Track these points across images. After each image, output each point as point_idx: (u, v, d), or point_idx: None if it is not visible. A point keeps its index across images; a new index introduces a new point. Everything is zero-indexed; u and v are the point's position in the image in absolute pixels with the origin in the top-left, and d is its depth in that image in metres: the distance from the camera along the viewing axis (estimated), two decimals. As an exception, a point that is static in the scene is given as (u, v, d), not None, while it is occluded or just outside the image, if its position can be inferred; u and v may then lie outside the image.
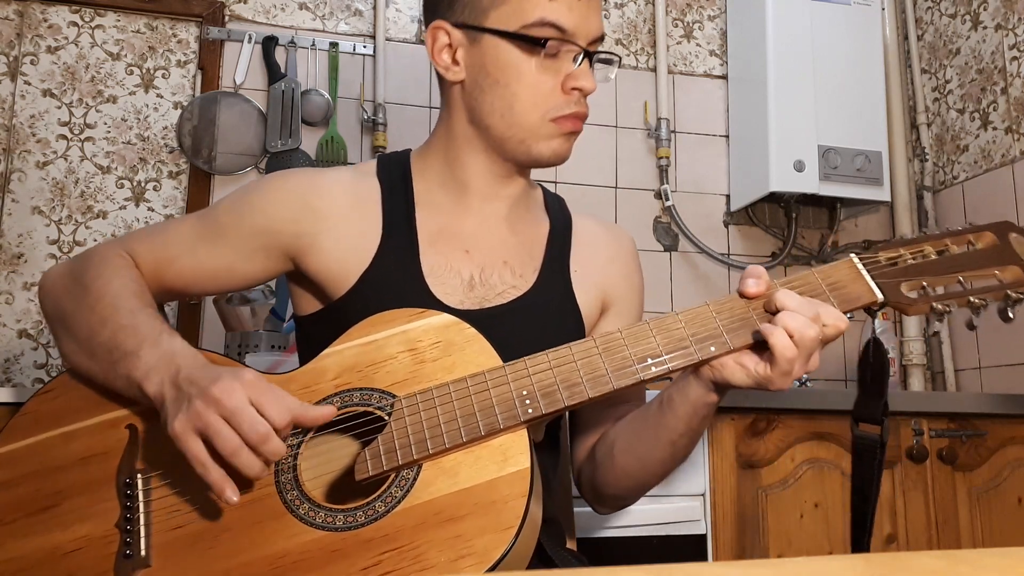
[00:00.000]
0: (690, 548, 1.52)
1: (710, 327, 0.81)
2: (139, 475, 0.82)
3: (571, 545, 1.11)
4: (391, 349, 0.83)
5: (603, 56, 0.97)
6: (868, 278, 0.82)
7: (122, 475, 0.82)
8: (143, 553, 0.78)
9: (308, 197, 0.96)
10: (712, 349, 0.80)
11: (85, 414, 0.85)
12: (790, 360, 0.77)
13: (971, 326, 0.82)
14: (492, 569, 0.71)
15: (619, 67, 1.00)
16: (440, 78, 1.00)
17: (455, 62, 0.96)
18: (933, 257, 0.83)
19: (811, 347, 0.77)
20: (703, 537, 1.53)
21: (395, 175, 1.01)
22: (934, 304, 0.81)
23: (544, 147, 0.95)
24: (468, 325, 0.83)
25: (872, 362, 0.84)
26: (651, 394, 1.06)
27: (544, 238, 1.03)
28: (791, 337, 0.77)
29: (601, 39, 0.96)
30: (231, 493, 0.74)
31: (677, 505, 1.51)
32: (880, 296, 0.81)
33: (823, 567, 0.41)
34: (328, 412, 0.79)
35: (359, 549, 0.74)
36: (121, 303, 0.86)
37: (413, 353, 0.83)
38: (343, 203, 0.97)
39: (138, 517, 0.79)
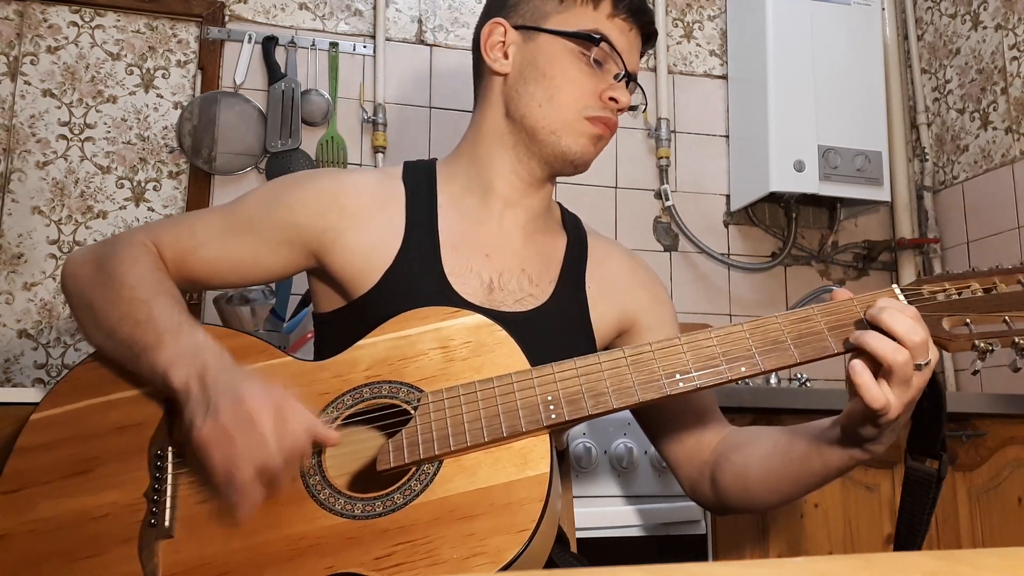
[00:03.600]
0: (690, 548, 1.52)
1: (742, 347, 0.81)
2: (170, 448, 0.84)
3: (571, 546, 1.11)
4: (423, 345, 0.85)
5: (635, 101, 1.04)
6: None
7: (154, 447, 0.84)
8: (167, 524, 0.80)
9: (336, 195, 0.98)
10: (743, 369, 0.80)
11: (125, 385, 0.88)
12: (870, 388, 0.76)
13: (1015, 368, 0.80)
14: (503, 570, 0.72)
15: (644, 110, 1.06)
16: (480, 76, 1.05)
17: (505, 56, 1.01)
18: (980, 294, 0.81)
19: (902, 374, 0.75)
20: (703, 537, 1.53)
21: (420, 179, 1.03)
22: (976, 342, 0.79)
23: (573, 142, 0.98)
24: (499, 327, 0.84)
25: (928, 392, 0.82)
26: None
27: (561, 252, 1.05)
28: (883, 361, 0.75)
29: (635, 78, 1.03)
30: (248, 509, 0.76)
31: (677, 505, 1.51)
32: None
33: (823, 567, 0.41)
34: (335, 438, 0.80)
35: (374, 538, 0.75)
36: (138, 294, 0.87)
37: (444, 351, 0.84)
38: (369, 203, 0.98)
39: (165, 489, 0.81)
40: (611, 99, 0.98)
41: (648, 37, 1.04)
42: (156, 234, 0.97)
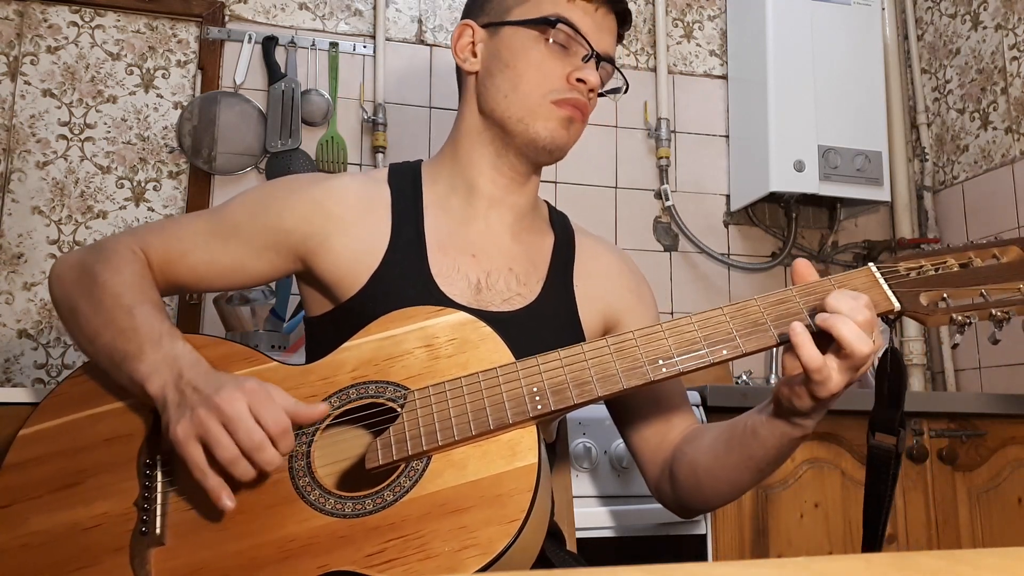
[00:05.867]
0: (690, 548, 1.52)
1: (722, 331, 0.81)
2: (159, 457, 0.84)
3: (571, 546, 1.11)
4: (408, 344, 0.85)
5: (611, 87, 1.03)
6: (885, 287, 0.81)
7: (143, 457, 0.84)
8: (158, 531, 0.80)
9: (320, 199, 0.98)
10: (724, 352, 0.81)
11: (112, 398, 0.88)
12: (821, 369, 0.77)
13: (994, 340, 0.81)
14: (495, 560, 0.72)
15: (624, 93, 1.06)
16: (459, 80, 1.06)
17: (474, 55, 1.02)
18: (955, 269, 0.82)
19: (859, 361, 0.76)
20: (703, 537, 1.53)
21: (405, 181, 1.03)
22: (954, 315, 0.80)
23: (541, 127, 0.98)
24: (483, 323, 0.85)
25: (890, 372, 0.83)
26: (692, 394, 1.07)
27: (549, 251, 1.05)
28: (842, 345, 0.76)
29: (610, 60, 1.01)
30: (227, 500, 0.77)
31: (677, 505, 1.51)
32: (897, 305, 0.81)
33: (823, 567, 0.41)
34: (321, 410, 0.81)
35: (366, 536, 0.75)
36: (122, 301, 0.87)
37: (429, 349, 0.84)
38: (354, 206, 0.99)
39: (155, 497, 0.82)
40: (579, 80, 0.97)
41: (621, 17, 1.02)
42: (143, 239, 0.97)
